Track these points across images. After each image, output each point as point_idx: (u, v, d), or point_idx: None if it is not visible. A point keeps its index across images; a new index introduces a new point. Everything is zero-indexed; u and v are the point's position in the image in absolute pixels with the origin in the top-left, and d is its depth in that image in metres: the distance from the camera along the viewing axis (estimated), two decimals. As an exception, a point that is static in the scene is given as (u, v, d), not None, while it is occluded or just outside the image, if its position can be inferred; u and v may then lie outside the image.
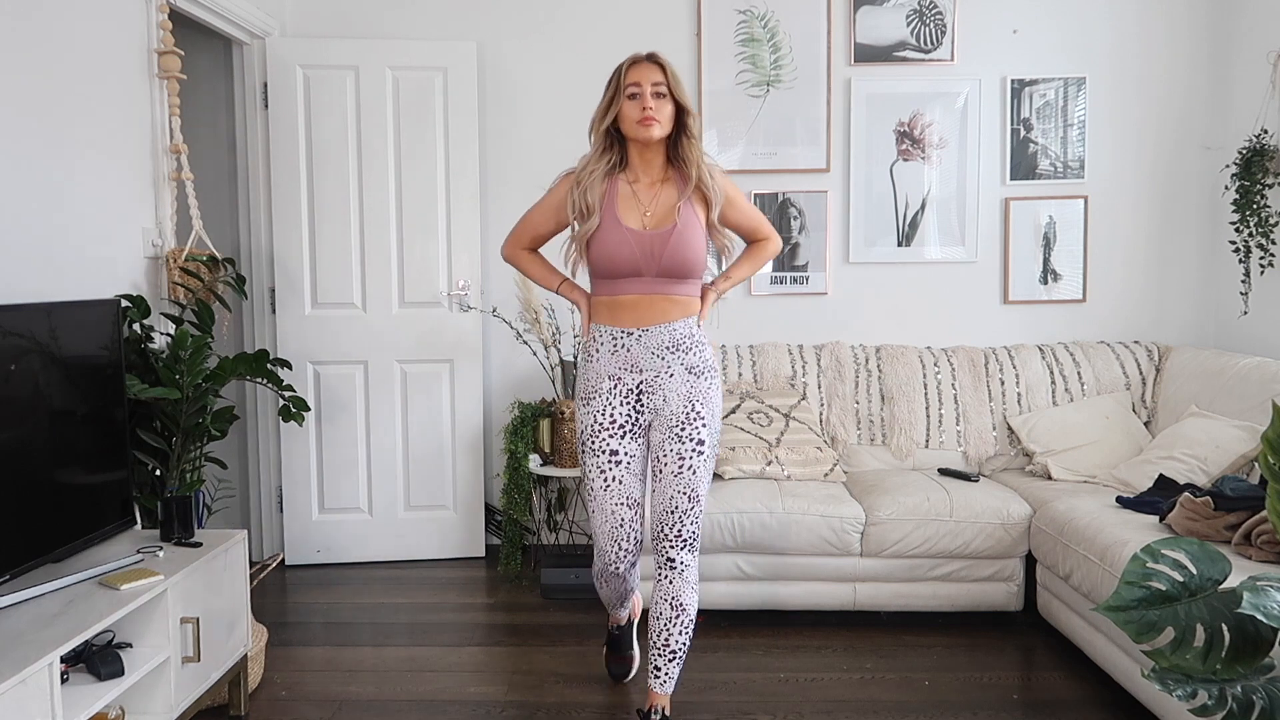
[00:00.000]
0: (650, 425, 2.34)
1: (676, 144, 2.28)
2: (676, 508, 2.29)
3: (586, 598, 3.31)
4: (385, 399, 3.82)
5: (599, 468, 2.32)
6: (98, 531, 2.30)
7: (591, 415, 2.32)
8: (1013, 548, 3.05)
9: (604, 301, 2.32)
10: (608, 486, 2.32)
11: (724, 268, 2.50)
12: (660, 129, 2.22)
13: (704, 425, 2.29)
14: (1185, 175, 3.84)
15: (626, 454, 2.32)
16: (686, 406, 2.29)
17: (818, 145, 3.85)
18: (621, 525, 2.34)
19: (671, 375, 2.30)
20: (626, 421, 2.31)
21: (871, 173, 3.86)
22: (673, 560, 2.31)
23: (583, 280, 2.46)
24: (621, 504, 2.33)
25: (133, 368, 2.58)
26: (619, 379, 2.31)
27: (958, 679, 2.74)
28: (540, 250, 2.50)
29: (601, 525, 2.35)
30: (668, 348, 2.29)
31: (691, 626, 2.33)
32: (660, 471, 2.31)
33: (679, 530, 2.30)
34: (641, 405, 2.32)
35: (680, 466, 2.28)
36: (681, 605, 2.30)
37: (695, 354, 2.32)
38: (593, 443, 2.32)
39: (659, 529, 2.32)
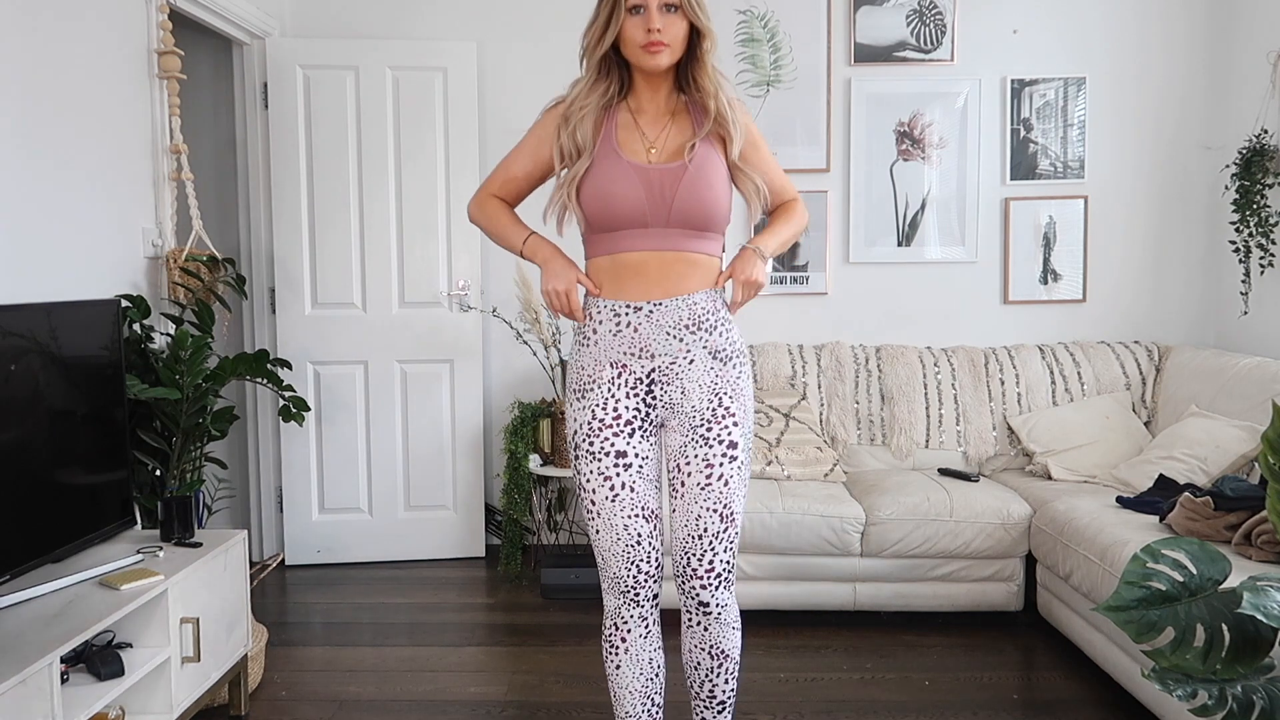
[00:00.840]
0: (664, 425, 1.87)
1: (687, 69, 1.84)
2: (706, 530, 1.81)
3: (586, 598, 3.31)
4: (385, 399, 3.82)
5: (602, 474, 1.82)
6: (98, 531, 2.30)
7: (589, 410, 1.83)
8: (1013, 548, 3.05)
9: (602, 265, 1.82)
10: (615, 497, 1.81)
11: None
12: (669, 55, 1.77)
13: (735, 423, 1.83)
14: (1185, 175, 3.84)
15: (638, 456, 1.83)
16: (712, 400, 1.82)
17: (818, 145, 3.85)
18: (638, 543, 1.84)
19: (691, 361, 1.82)
20: (635, 417, 1.82)
21: (871, 173, 3.86)
22: (706, 605, 1.85)
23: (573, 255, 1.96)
24: (635, 516, 1.83)
25: (133, 368, 2.59)
26: (624, 367, 1.82)
27: (958, 679, 2.74)
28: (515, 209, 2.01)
29: (612, 547, 1.84)
30: (686, 326, 1.80)
31: (737, 670, 1.94)
32: (682, 485, 1.84)
33: (711, 562, 1.82)
34: (653, 399, 1.83)
35: (708, 476, 1.81)
36: (723, 652, 1.90)
37: (721, 334, 1.84)
38: (592, 444, 1.82)
39: (684, 562, 1.84)
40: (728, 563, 1.85)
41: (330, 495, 3.83)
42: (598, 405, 1.84)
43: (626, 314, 1.81)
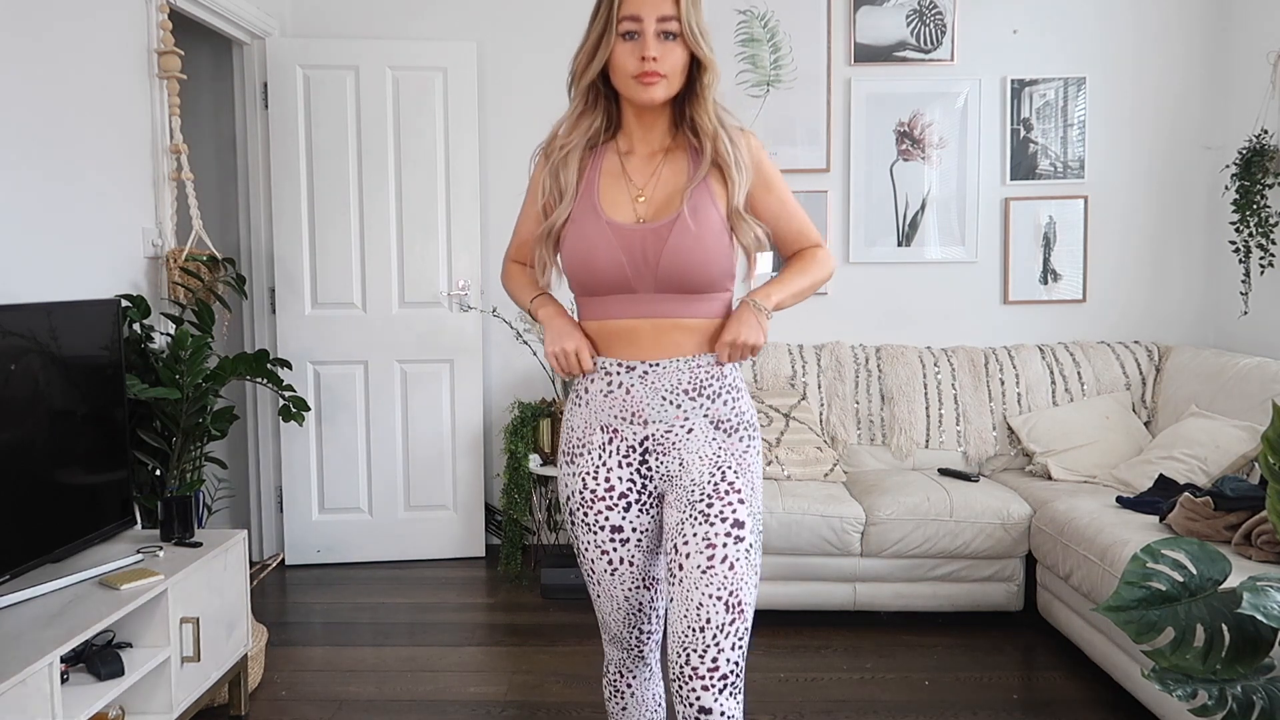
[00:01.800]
0: (665, 495, 1.66)
1: (685, 104, 1.61)
2: (709, 621, 1.53)
3: (586, 598, 3.31)
4: (385, 399, 3.82)
5: (599, 547, 1.67)
6: (98, 531, 2.30)
7: (580, 479, 1.66)
8: (1013, 548, 3.05)
9: (590, 329, 1.65)
10: (615, 570, 1.68)
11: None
12: (665, 88, 1.55)
13: (740, 500, 1.60)
14: (1185, 175, 3.84)
15: (635, 530, 1.66)
16: (714, 474, 1.61)
17: (818, 145, 3.85)
18: (640, 609, 1.73)
19: (690, 431, 1.61)
20: (630, 489, 1.64)
21: (871, 173, 3.86)
22: (708, 712, 1.52)
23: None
24: (637, 587, 1.71)
25: (133, 368, 2.59)
26: (615, 432, 1.63)
27: (958, 679, 2.74)
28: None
29: (613, 614, 1.74)
30: (685, 391, 1.60)
31: None
32: (680, 568, 1.58)
33: (714, 660, 1.52)
34: (649, 470, 1.64)
35: (710, 559, 1.55)
36: None
37: (726, 402, 1.63)
38: (586, 515, 1.67)
39: (683, 659, 1.54)
40: (735, 663, 1.54)
41: (330, 495, 3.83)
42: (588, 474, 1.66)
43: (618, 373, 1.62)
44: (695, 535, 1.57)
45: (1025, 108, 3.83)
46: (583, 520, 1.68)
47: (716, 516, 1.58)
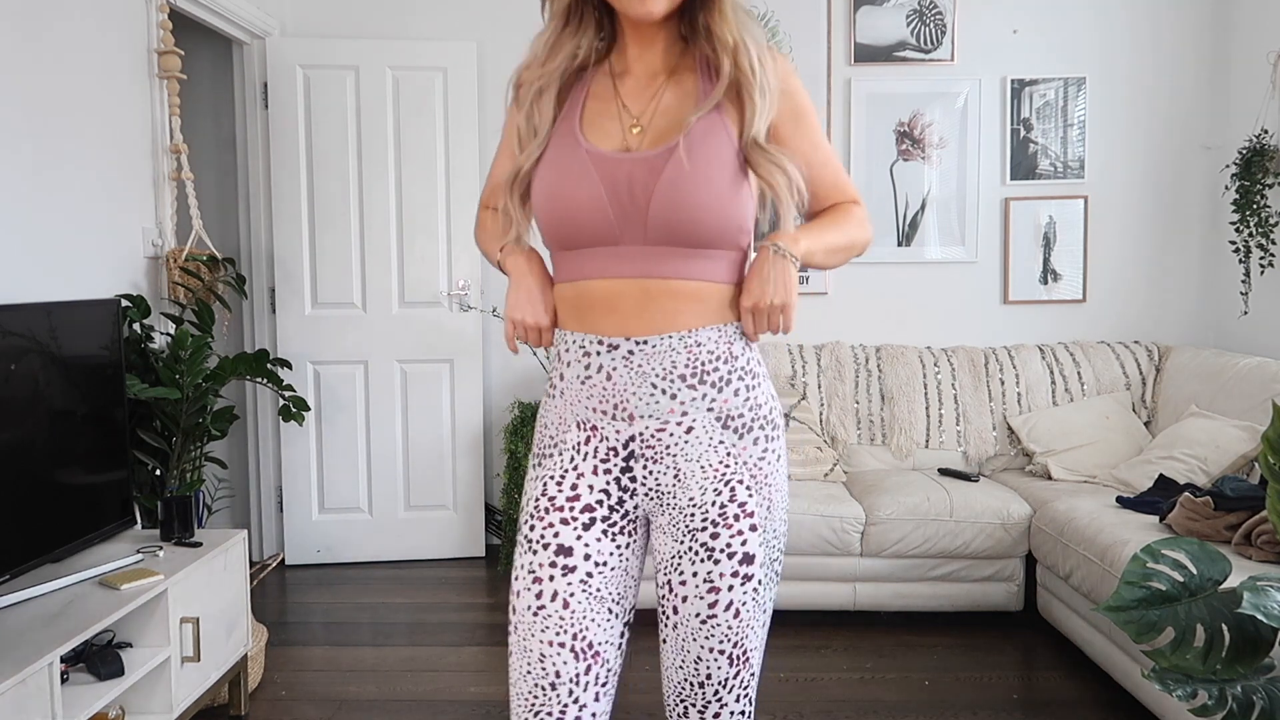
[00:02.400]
0: (651, 516, 1.32)
1: (699, 10, 1.27)
2: (709, 678, 1.29)
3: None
4: (385, 399, 3.82)
5: (531, 572, 1.26)
6: (98, 531, 2.30)
7: (539, 484, 1.31)
8: (1013, 548, 3.04)
9: (565, 295, 1.30)
10: (539, 610, 1.24)
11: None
12: None
13: (752, 526, 1.27)
14: (1185, 175, 3.84)
15: (590, 558, 1.26)
16: (720, 490, 1.26)
17: (818, 145, 3.85)
18: (553, 687, 1.24)
19: (689, 430, 1.26)
20: (601, 502, 1.28)
21: (871, 173, 3.85)
22: None
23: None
24: (561, 646, 1.24)
25: (133, 368, 2.59)
26: (594, 429, 1.28)
27: (958, 679, 2.74)
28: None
29: (519, 681, 1.26)
30: (682, 376, 1.24)
31: None
32: (675, 612, 1.29)
33: (717, 714, 1.31)
34: (632, 481, 1.29)
35: (712, 606, 1.26)
36: None
37: (736, 392, 1.28)
38: (532, 528, 1.28)
39: (680, 708, 1.34)
40: (742, 713, 1.32)
41: (330, 495, 3.83)
42: (551, 477, 1.29)
43: (598, 353, 1.25)
44: (695, 575, 1.27)
45: (1025, 108, 3.83)
46: (525, 538, 1.27)
47: (722, 551, 1.26)
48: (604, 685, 1.27)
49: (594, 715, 1.26)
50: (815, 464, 3.33)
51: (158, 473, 2.70)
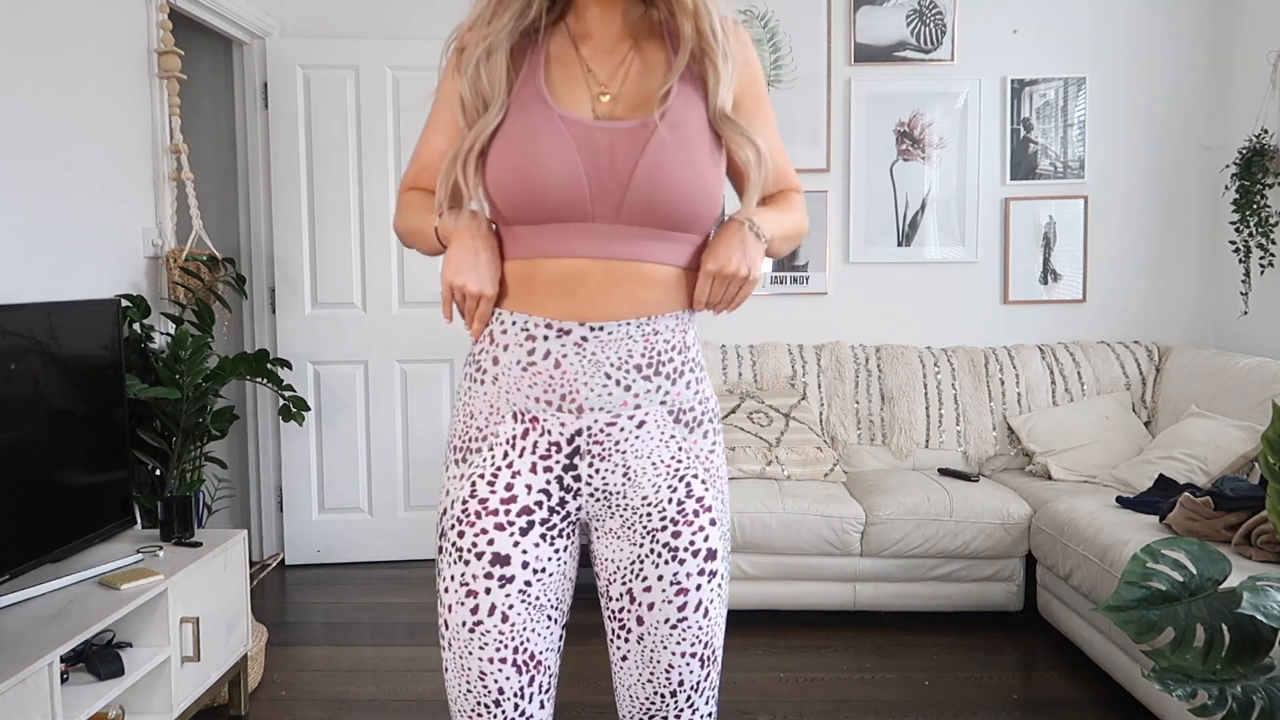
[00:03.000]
0: (593, 523, 1.23)
1: None
2: (681, 684, 1.22)
3: (585, 597, 3.31)
4: (385, 399, 3.82)
5: (464, 584, 1.16)
6: (98, 531, 2.30)
7: (467, 483, 1.18)
8: (1013, 548, 3.04)
9: (517, 272, 1.17)
10: (476, 625, 1.16)
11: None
12: None
13: (712, 521, 1.21)
14: (1185, 175, 3.84)
15: (529, 566, 1.17)
16: (675, 487, 1.20)
17: (818, 145, 3.85)
18: (497, 704, 1.18)
19: (641, 425, 1.18)
20: (541, 504, 1.18)
21: (871, 173, 3.85)
22: None
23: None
24: (503, 661, 1.17)
25: (133, 368, 2.59)
26: (534, 421, 1.17)
27: (958, 679, 2.74)
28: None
29: (459, 700, 1.20)
30: (637, 366, 1.16)
31: None
32: (638, 622, 1.21)
33: (672, 716, 1.24)
34: (576, 480, 1.18)
35: (682, 609, 1.20)
36: None
37: (688, 384, 1.21)
38: (461, 534, 1.17)
39: None
40: (711, 714, 1.27)
41: (330, 495, 3.83)
42: (482, 476, 1.17)
43: (545, 338, 1.15)
44: (660, 578, 1.18)
45: (1025, 108, 3.83)
46: (454, 545, 1.16)
47: (686, 550, 1.18)
48: (547, 692, 1.22)
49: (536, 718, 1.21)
50: (815, 464, 3.33)
51: (158, 473, 2.70)
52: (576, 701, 2.61)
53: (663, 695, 1.23)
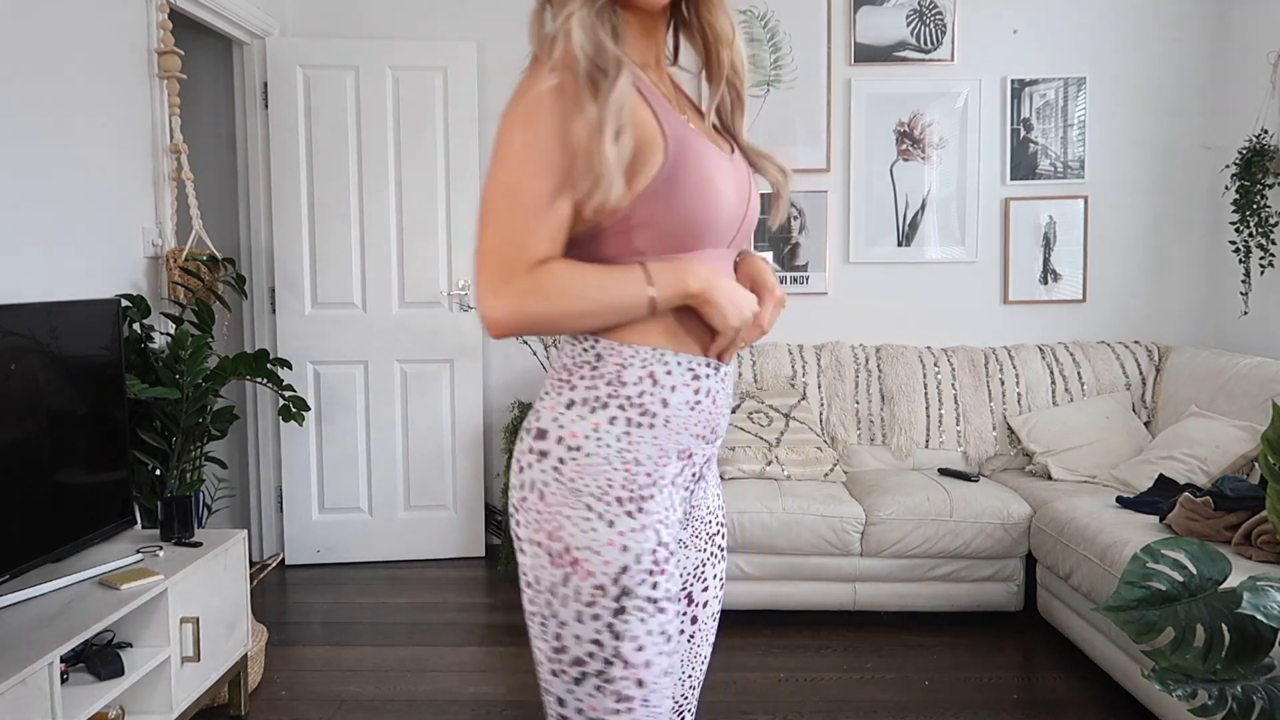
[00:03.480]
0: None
1: (694, 11, 1.21)
2: (701, 677, 1.32)
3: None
4: (385, 399, 3.82)
5: (664, 633, 1.10)
6: (98, 531, 2.30)
7: (651, 533, 1.10)
8: (1013, 548, 3.04)
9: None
10: (669, 670, 1.12)
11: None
12: None
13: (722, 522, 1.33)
14: (1185, 175, 3.84)
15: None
16: (717, 494, 1.32)
17: (818, 145, 3.85)
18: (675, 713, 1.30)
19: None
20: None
21: (871, 173, 3.86)
22: None
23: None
24: (674, 677, 1.16)
25: (133, 367, 2.59)
26: (690, 455, 1.17)
27: (958, 679, 2.74)
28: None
29: None
30: (733, 386, 1.28)
31: None
32: (694, 620, 1.27)
33: (693, 707, 1.32)
34: (690, 496, 1.23)
35: (719, 598, 1.30)
36: None
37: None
38: (655, 586, 1.09)
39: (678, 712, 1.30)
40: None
41: (330, 495, 3.83)
42: (664, 523, 1.11)
43: (706, 376, 1.15)
44: (716, 577, 1.27)
45: (1025, 108, 3.83)
46: (648, 598, 1.08)
47: (720, 548, 1.29)
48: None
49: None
50: (815, 464, 3.33)
51: (158, 473, 2.70)
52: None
53: (694, 688, 1.29)
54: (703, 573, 1.26)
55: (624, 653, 1.08)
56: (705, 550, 1.27)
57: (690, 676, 1.28)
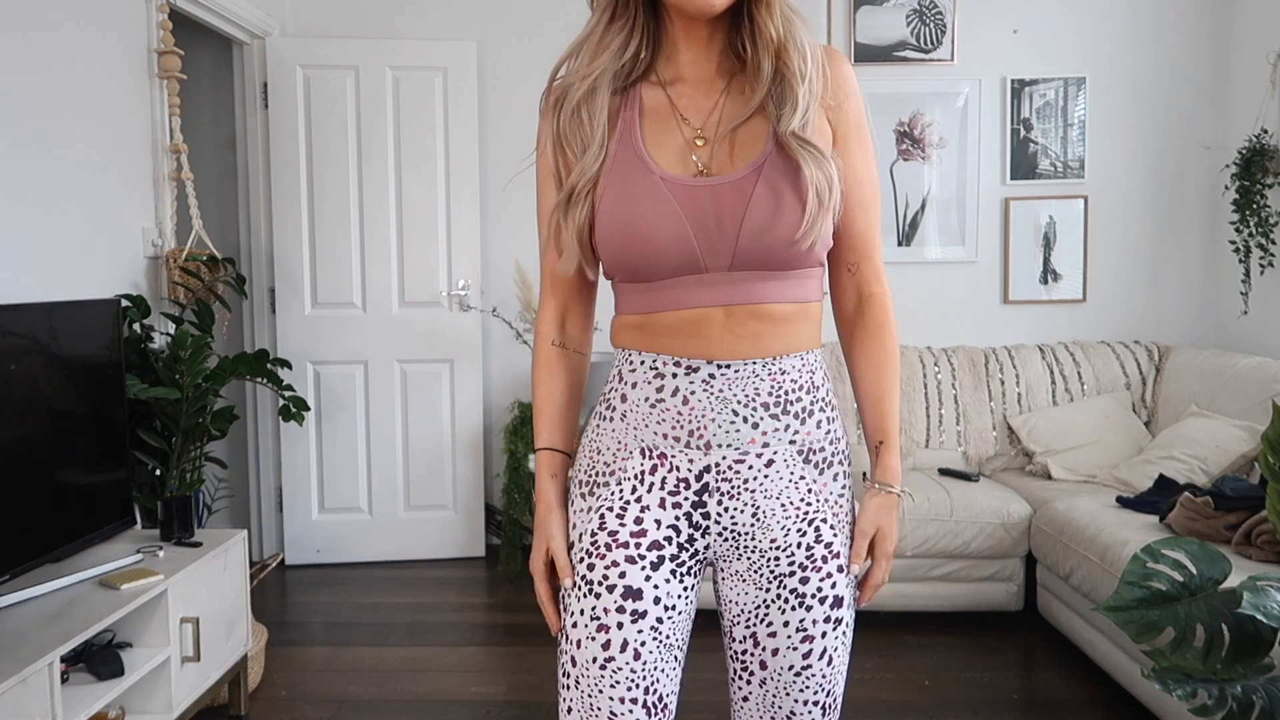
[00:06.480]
0: (719, 563, 1.20)
1: (746, 12, 1.14)
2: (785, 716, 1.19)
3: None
4: (385, 399, 3.82)
5: (595, 618, 1.13)
6: (98, 531, 2.30)
7: (595, 516, 1.17)
8: (1013, 548, 3.04)
9: (635, 324, 1.17)
10: (608, 662, 1.12)
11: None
12: None
13: (840, 568, 1.18)
14: (1185, 175, 3.84)
15: (662, 602, 1.14)
16: (804, 532, 1.16)
17: (818, 145, 3.85)
18: None
19: (770, 464, 1.15)
20: (671, 539, 1.15)
21: (871, 173, 3.85)
22: None
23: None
24: (634, 703, 1.13)
25: (133, 368, 2.59)
26: (662, 457, 1.15)
27: (958, 679, 2.74)
28: (585, 327, 1.29)
29: None
30: (764, 405, 1.14)
31: None
32: (761, 667, 1.18)
33: None
34: (705, 518, 1.16)
35: (807, 656, 1.17)
36: None
37: (819, 424, 1.19)
38: (591, 567, 1.15)
39: None
40: None
41: (330, 495, 3.83)
42: (610, 509, 1.16)
43: (674, 375, 1.14)
44: (786, 625, 1.15)
45: (1025, 108, 3.83)
46: (583, 579, 1.14)
47: (813, 597, 1.15)
48: None
49: None
50: (815, 464, 3.33)
51: (158, 473, 2.70)
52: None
53: None
54: (766, 614, 1.16)
55: (566, 625, 1.17)
56: (769, 590, 1.16)
57: (764, 718, 1.21)
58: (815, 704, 1.17)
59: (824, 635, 1.16)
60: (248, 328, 3.84)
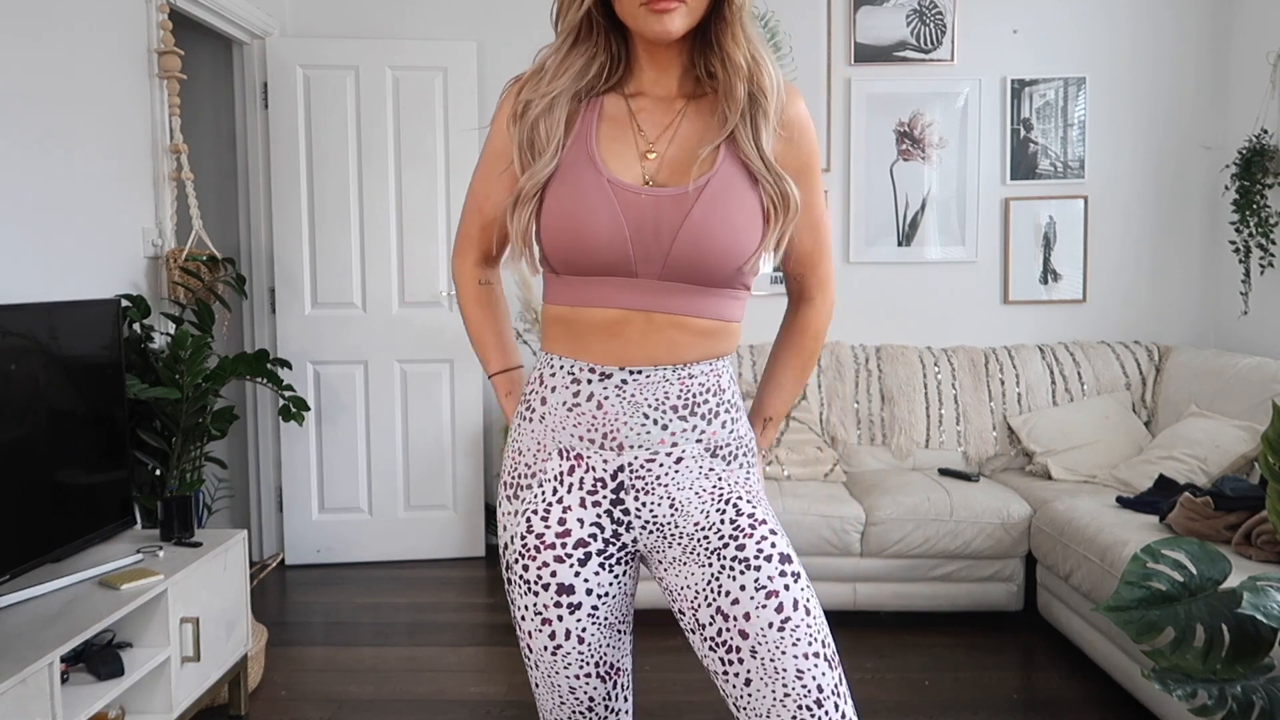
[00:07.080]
0: (653, 556, 1.27)
1: (710, 34, 1.21)
2: (820, 689, 1.16)
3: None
4: (385, 399, 3.82)
5: (538, 613, 1.25)
6: (98, 531, 2.30)
7: (522, 519, 1.25)
8: (1013, 548, 3.05)
9: (561, 316, 1.25)
10: (558, 649, 1.25)
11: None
12: (685, 16, 1.15)
13: (772, 531, 1.24)
14: (1185, 175, 3.84)
15: (593, 593, 1.24)
16: (723, 509, 1.24)
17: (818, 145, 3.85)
18: (590, 709, 1.30)
19: (679, 461, 1.23)
20: (594, 536, 1.24)
21: (871, 173, 3.86)
22: None
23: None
24: (587, 676, 1.28)
25: (133, 368, 2.59)
26: (578, 459, 1.24)
27: (958, 679, 2.74)
28: (499, 270, 1.43)
29: (555, 711, 1.32)
30: (674, 408, 1.22)
31: None
32: (745, 636, 1.18)
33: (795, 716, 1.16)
34: (625, 514, 1.24)
35: (780, 610, 1.17)
36: None
37: (724, 424, 1.27)
38: (526, 568, 1.25)
39: None
40: None
41: (330, 495, 3.83)
42: (535, 512, 1.24)
43: (589, 381, 1.22)
44: (744, 588, 1.18)
45: (1025, 108, 3.83)
46: (521, 578, 1.25)
47: (757, 556, 1.20)
48: (628, 689, 1.34)
49: (621, 710, 1.34)
50: (815, 464, 3.33)
51: (158, 473, 2.70)
52: None
53: (809, 708, 1.15)
54: (720, 585, 1.20)
55: (515, 615, 1.29)
56: (711, 565, 1.21)
57: (789, 695, 1.15)
58: (816, 655, 1.17)
59: (787, 589, 1.19)
60: (248, 328, 3.84)
